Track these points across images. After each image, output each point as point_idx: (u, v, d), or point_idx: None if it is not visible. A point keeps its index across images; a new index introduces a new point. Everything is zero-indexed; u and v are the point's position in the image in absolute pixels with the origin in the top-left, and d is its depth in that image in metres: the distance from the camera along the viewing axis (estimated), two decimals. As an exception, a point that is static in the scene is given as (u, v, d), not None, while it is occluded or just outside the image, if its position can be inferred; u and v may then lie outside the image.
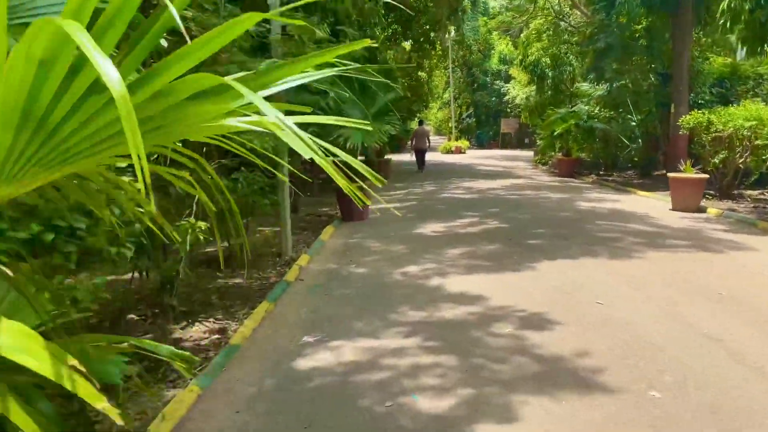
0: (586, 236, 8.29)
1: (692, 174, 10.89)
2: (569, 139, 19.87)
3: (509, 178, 18.46)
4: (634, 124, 17.78)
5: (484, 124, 50.02)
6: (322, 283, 6.30)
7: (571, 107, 20.98)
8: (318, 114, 8.33)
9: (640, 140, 20.86)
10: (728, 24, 10.04)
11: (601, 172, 20.71)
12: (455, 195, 14.08)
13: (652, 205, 11.74)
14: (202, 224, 4.46)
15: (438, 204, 12.52)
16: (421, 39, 25.87)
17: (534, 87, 30.45)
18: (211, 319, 5.58)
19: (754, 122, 11.28)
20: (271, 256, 8.09)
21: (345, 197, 10.56)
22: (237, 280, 6.83)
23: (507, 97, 42.92)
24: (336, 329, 4.69)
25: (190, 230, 4.30)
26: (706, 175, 10.99)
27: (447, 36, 35.27)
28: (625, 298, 5.21)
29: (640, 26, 16.47)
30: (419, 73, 29.77)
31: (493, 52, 46.34)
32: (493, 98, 46.08)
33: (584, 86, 20.03)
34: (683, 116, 14.84)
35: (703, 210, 10.76)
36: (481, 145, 48.74)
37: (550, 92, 27.52)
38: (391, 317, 4.95)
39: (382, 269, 6.80)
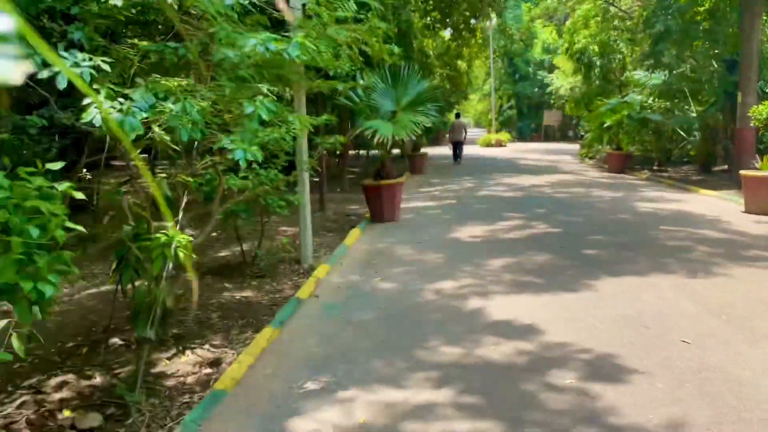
0: (653, 245, 7.11)
1: (770, 172, 9.51)
2: (620, 132, 18.41)
3: (555, 174, 17.16)
4: (693, 115, 16.24)
5: (526, 116, 48.29)
6: (339, 303, 5.35)
7: (622, 97, 19.46)
8: (345, 102, 7.33)
9: (696, 133, 19.31)
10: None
11: (654, 168, 19.17)
12: (496, 192, 12.95)
13: (721, 207, 10.38)
14: (184, 237, 3.56)
15: (477, 203, 11.43)
16: (461, 27, 24.67)
17: (580, 77, 28.80)
18: (207, 345, 4.71)
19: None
20: (289, 263, 7.21)
21: (374, 195, 9.62)
22: (246, 293, 5.96)
23: (550, 88, 41.11)
24: (349, 371, 3.74)
25: (164, 247, 3.41)
26: (788, 174, 9.59)
27: (488, 24, 33.85)
28: (720, 336, 4.08)
29: (702, 8, 14.92)
30: (458, 63, 28.54)
31: (536, 41, 44.54)
32: (536, 89, 44.32)
33: (637, 74, 18.50)
34: (753, 106, 13.37)
35: (783, 213, 9.39)
36: (522, 138, 47.04)
37: (598, 82, 25.87)
38: (418, 355, 3.96)
39: (412, 284, 5.81)
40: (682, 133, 18.63)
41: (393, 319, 4.80)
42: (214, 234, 8.49)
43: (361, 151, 26.84)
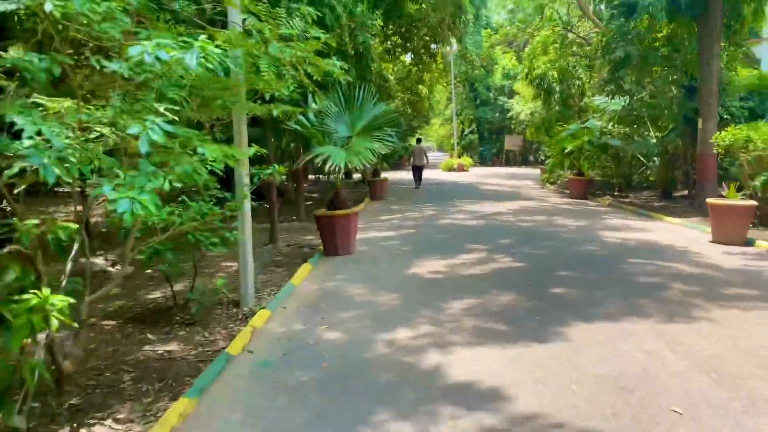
0: (625, 283, 6.59)
1: (738, 200, 9.22)
2: (581, 158, 18.25)
3: (517, 200, 16.79)
4: (653, 141, 16.16)
5: (487, 141, 48.55)
6: (276, 359, 4.60)
7: (582, 123, 19.39)
8: (294, 127, 6.58)
9: (656, 159, 19.36)
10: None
11: (615, 193, 19.07)
12: (458, 221, 12.41)
13: (687, 236, 10.05)
14: (62, 300, 2.80)
15: (438, 232, 10.84)
16: (422, 51, 24.47)
17: (540, 102, 28.91)
18: (110, 420, 3.89)
19: (805, 141, 9.67)
20: (228, 305, 6.43)
21: (327, 226, 8.92)
22: (171, 346, 5.14)
23: (511, 113, 41.43)
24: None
25: (31, 312, 2.64)
26: (755, 202, 9.31)
27: (448, 49, 33.90)
28: (714, 402, 3.50)
29: (660, 34, 14.90)
30: (420, 87, 28.30)
31: (496, 67, 44.98)
32: (497, 114, 44.63)
33: (597, 100, 18.46)
34: (715, 132, 13.27)
35: (750, 243, 9.08)
36: (484, 162, 47.20)
37: (557, 107, 25.95)
38: (362, 434, 3.25)
39: (362, 333, 5.11)
40: (642, 158, 18.62)
41: (336, 381, 4.08)
42: (149, 271, 7.62)
43: (322, 176, 26.19)
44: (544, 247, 8.92)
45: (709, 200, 9.49)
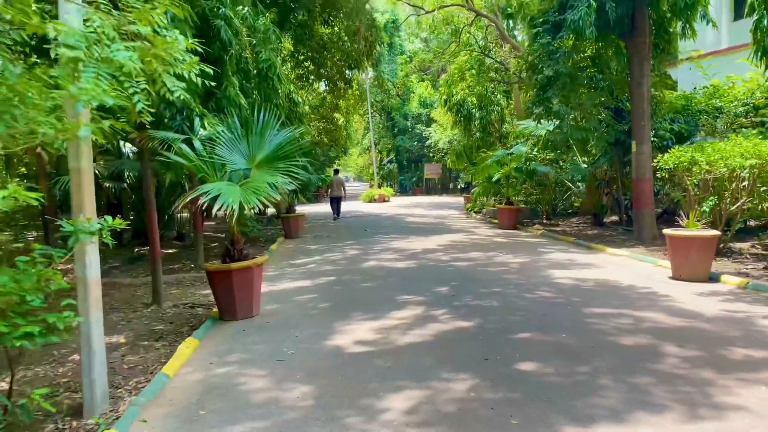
0: (606, 348, 5.14)
1: (699, 230, 8.17)
2: (508, 185, 17.29)
3: (445, 233, 15.45)
4: (584, 166, 15.40)
5: (407, 170, 47.83)
6: None
7: (509, 149, 18.53)
8: (175, 159, 4.58)
9: (580, 184, 18.80)
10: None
11: (544, 221, 18.25)
12: (385, 262, 10.77)
13: (642, 272, 8.93)
14: None
15: (363, 279, 9.13)
16: (336, 77, 23.11)
17: (458, 130, 28.24)
18: None
19: (755, 161, 8.86)
20: (66, 415, 4.40)
21: (223, 283, 7.00)
22: None
23: (429, 141, 40.89)
24: None
25: None
26: (718, 232, 8.30)
27: (364, 76, 32.82)
28: None
29: (587, 53, 14.21)
30: (335, 116, 26.87)
31: (412, 95, 44.54)
32: (415, 142, 44.01)
33: (523, 124, 17.66)
34: (650, 155, 12.54)
35: (715, 278, 8.03)
36: (404, 191, 46.36)
37: (478, 134, 25.28)
38: None
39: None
40: (569, 184, 17.92)
41: None
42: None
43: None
44: (490, 296, 7.41)
45: (667, 232, 8.40)
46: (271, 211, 25.17)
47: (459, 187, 46.80)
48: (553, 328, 5.78)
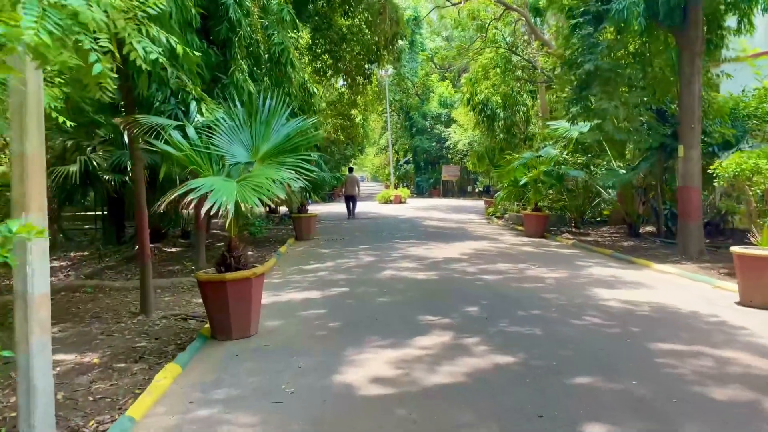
0: (699, 411, 3.95)
1: (775, 250, 6.97)
2: (536, 190, 16.09)
3: (468, 240, 14.31)
4: (623, 171, 14.16)
5: (424, 171, 46.62)
6: None
7: (536, 151, 17.33)
8: (163, 148, 3.56)
9: (611, 191, 17.60)
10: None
11: (573, 230, 17.04)
12: (404, 272, 9.66)
13: (701, 294, 7.73)
14: None
15: (380, 294, 8.04)
16: (355, 72, 22.06)
17: (479, 131, 27.05)
18: None
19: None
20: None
21: (216, 296, 5.94)
22: None
23: (448, 143, 39.70)
24: None
25: None
26: (799, 253, 7.09)
27: (383, 72, 31.76)
28: None
29: (628, 49, 12.99)
30: (353, 112, 25.83)
31: (432, 95, 43.36)
32: (434, 143, 42.81)
33: (554, 125, 16.46)
34: (699, 161, 11.32)
35: (792, 306, 6.83)
36: (420, 193, 45.18)
37: (501, 135, 24.06)
38: None
39: None
40: (603, 190, 16.68)
41: None
42: None
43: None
44: (531, 321, 6.28)
45: (735, 250, 7.19)
46: (283, 209, 24.21)
47: (477, 190, 45.58)
48: (618, 371, 4.64)
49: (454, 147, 39.19)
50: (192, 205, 4.96)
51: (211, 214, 4.98)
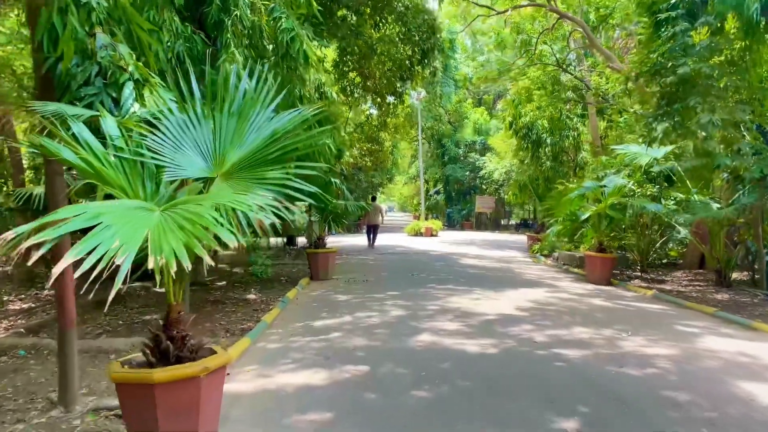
0: None
1: None
2: (601, 226, 13.37)
3: (521, 286, 11.63)
4: (717, 206, 11.37)
5: (455, 202, 43.93)
6: None
7: (599, 180, 14.63)
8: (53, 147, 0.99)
9: (681, 228, 14.79)
10: None
11: (641, 274, 14.23)
12: (446, 340, 7.02)
13: None
14: None
15: (414, 381, 5.40)
16: (385, 90, 19.85)
17: (524, 156, 24.46)
18: None
19: None
20: None
21: (132, 407, 3.44)
22: None
23: (483, 172, 37.10)
24: None
25: None
26: None
27: (415, 94, 29.54)
28: None
29: (721, 57, 10.36)
30: (381, 135, 23.56)
31: (466, 121, 40.99)
32: (467, 173, 40.25)
33: (621, 149, 13.83)
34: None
35: None
36: (452, 225, 42.46)
37: (548, 162, 21.42)
38: None
39: None
40: (677, 228, 13.85)
41: None
42: None
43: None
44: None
45: None
46: (302, 240, 21.86)
47: (514, 223, 42.68)
48: None
49: (489, 176, 36.58)
50: (35, 255, 2.49)
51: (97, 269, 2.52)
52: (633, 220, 14.13)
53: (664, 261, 16.86)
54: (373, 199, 24.59)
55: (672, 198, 13.82)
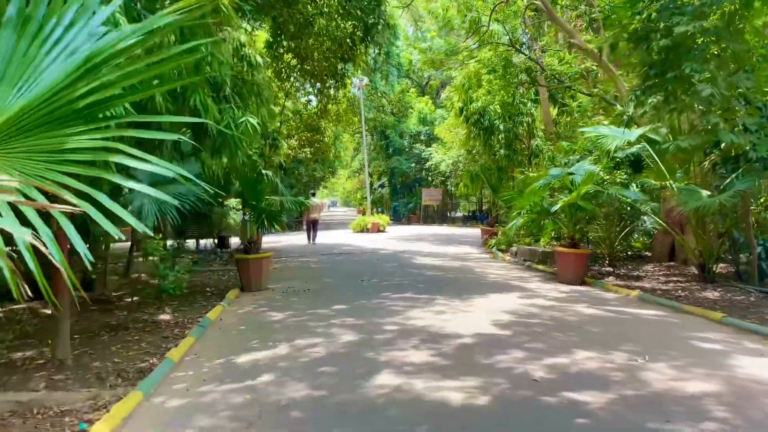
0: None
1: None
2: (572, 218, 11.93)
3: (488, 291, 9.98)
4: (707, 193, 10.01)
5: (401, 195, 42.34)
6: None
7: (567, 166, 13.19)
8: None
9: (645, 218, 13.76)
10: None
11: (611, 270, 12.91)
12: (412, 378, 5.20)
13: None
14: None
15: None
16: (325, 73, 17.88)
17: (470, 146, 23.00)
18: None
19: None
20: None
21: None
22: None
23: (429, 164, 35.60)
24: None
25: None
26: None
27: (358, 80, 27.64)
28: None
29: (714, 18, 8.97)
30: (322, 123, 21.52)
31: (411, 111, 39.40)
32: (413, 164, 38.71)
33: (591, 131, 12.40)
34: None
35: None
36: (398, 219, 40.82)
37: (502, 151, 19.98)
38: None
39: None
40: (659, 220, 12.58)
41: None
42: None
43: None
44: None
45: None
46: (236, 241, 19.62)
47: (460, 215, 41.51)
48: None
49: (436, 168, 35.17)
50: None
51: None
52: (600, 210, 12.79)
53: (629, 253, 15.68)
54: (313, 195, 23.64)
55: (639, 184, 12.56)
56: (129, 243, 12.34)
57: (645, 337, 6.59)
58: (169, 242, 15.60)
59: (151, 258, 7.82)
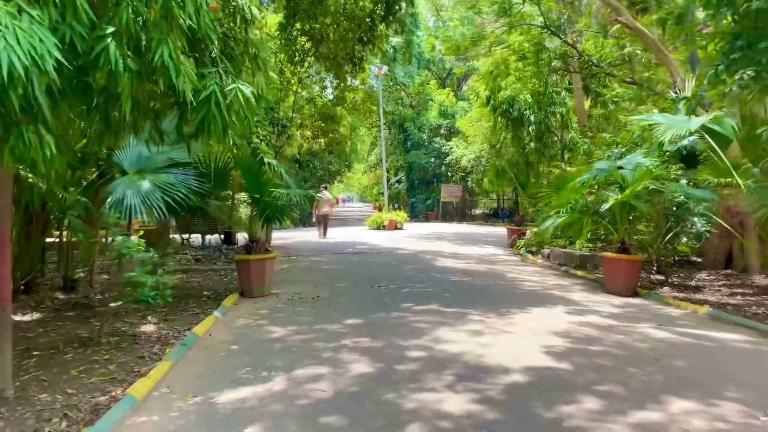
0: None
1: None
2: (622, 219, 10.36)
3: (526, 304, 8.46)
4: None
5: (419, 191, 40.70)
6: None
7: (617, 159, 11.59)
8: None
9: (696, 219, 12.07)
10: None
11: (660, 277, 11.34)
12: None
13: None
14: None
15: None
16: (341, 57, 16.46)
17: (496, 140, 21.42)
18: None
19: None
20: None
21: None
22: None
23: (449, 158, 33.97)
24: None
25: None
26: None
27: (376, 69, 26.16)
28: None
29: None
30: (338, 113, 20.07)
31: (431, 103, 37.78)
32: (432, 159, 37.10)
33: (644, 119, 10.81)
34: None
35: None
36: (415, 216, 39.21)
37: (532, 144, 18.37)
38: None
39: None
40: (716, 219, 10.97)
41: None
42: None
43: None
44: None
45: None
46: (242, 237, 18.27)
47: (480, 213, 39.84)
48: None
49: (456, 163, 33.55)
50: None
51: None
52: (654, 210, 11.22)
53: (676, 258, 14.04)
54: (324, 188, 22.20)
55: (690, 181, 10.99)
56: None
57: (750, 377, 5.06)
58: (172, 236, 14.31)
59: (124, 258, 6.45)
